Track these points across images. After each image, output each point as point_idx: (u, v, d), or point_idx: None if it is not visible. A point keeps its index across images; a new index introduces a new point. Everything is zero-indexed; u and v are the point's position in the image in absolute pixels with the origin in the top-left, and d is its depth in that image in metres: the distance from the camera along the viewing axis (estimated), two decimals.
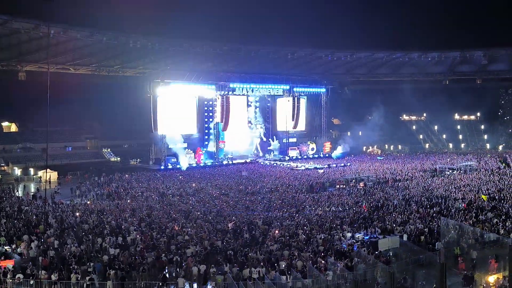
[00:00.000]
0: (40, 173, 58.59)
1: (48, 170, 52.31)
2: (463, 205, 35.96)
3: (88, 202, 41.74)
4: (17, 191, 50.61)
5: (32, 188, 53.88)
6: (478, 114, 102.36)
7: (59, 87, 70.68)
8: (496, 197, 38.68)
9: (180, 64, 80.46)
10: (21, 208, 36.98)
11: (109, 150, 77.07)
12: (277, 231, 29.14)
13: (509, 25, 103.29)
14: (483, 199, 36.81)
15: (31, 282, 20.46)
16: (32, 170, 61.72)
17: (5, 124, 74.62)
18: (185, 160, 69.56)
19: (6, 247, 25.72)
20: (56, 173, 58.56)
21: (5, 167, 62.97)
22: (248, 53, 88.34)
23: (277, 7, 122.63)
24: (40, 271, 21.55)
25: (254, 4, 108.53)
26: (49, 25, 57.20)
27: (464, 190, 42.94)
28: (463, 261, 23.07)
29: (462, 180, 49.59)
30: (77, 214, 34.90)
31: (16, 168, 62.22)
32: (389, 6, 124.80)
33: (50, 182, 53.13)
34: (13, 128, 75.26)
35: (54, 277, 21.04)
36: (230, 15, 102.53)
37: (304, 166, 68.02)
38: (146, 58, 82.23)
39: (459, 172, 57.37)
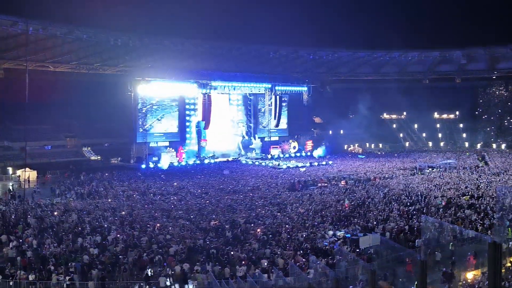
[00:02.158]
0: (19, 172, 57.61)
1: (27, 169, 51.54)
2: (442, 202, 36.46)
3: (69, 201, 41.21)
4: None
5: (11, 187, 52.97)
6: (457, 113, 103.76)
7: (38, 85, 69.91)
8: (475, 195, 39.30)
9: (161, 61, 79.95)
10: None
11: (89, 148, 76.17)
12: (259, 230, 29.18)
13: (488, 25, 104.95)
14: (465, 200, 37.27)
15: (11, 283, 20.17)
16: (10, 169, 60.69)
17: None
18: (167, 159, 69.11)
19: None
20: (35, 172, 57.67)
21: None
22: (230, 51, 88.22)
23: (259, 5, 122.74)
24: (19, 272, 21.24)
25: (236, 2, 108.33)
26: (27, 21, 56.26)
27: (444, 188, 43.53)
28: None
29: (441, 178, 50.27)
30: (56, 213, 34.46)
31: None
32: (370, 6, 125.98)
33: (29, 181, 52.34)
34: None
35: (31, 277, 20.76)
36: (212, 12, 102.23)
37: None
38: (127, 56, 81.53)
39: (439, 170, 58.13)
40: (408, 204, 36.82)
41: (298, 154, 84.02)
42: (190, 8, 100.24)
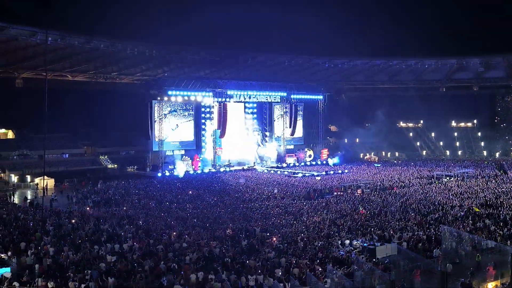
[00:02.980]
0: (37, 180, 58.37)
1: (45, 177, 52.16)
2: (462, 213, 35.93)
3: (87, 209, 41.57)
4: (14, 198, 50.36)
5: (29, 195, 53.65)
6: (475, 121, 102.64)
7: (56, 94, 70.88)
8: (494, 204, 38.70)
9: (177, 71, 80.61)
10: (18, 215, 36.78)
11: (106, 157, 76.89)
12: (274, 238, 29.06)
13: (506, 33, 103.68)
14: (476, 211, 36.70)
15: None
16: (29, 177, 61.50)
17: (1, 131, 74.49)
18: (182, 167, 69.40)
19: (2, 255, 25.53)
20: (53, 180, 58.36)
21: (2, 174, 62.71)
22: (246, 60, 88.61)
23: (274, 14, 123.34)
24: (36, 279, 21.40)
25: (251, 12, 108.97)
26: (46, 31, 57.23)
27: (462, 197, 42.97)
28: None
29: (459, 187, 49.64)
30: (73, 221, 34.74)
31: (12, 175, 61.99)
32: (386, 13, 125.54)
33: (47, 189, 52.95)
34: (10, 135, 75.10)
35: (50, 284, 20.89)
36: (228, 22, 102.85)
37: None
38: (144, 65, 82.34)
39: (457, 179, 57.44)
40: (426, 213, 36.39)
41: (313, 163, 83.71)
42: (206, 18, 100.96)
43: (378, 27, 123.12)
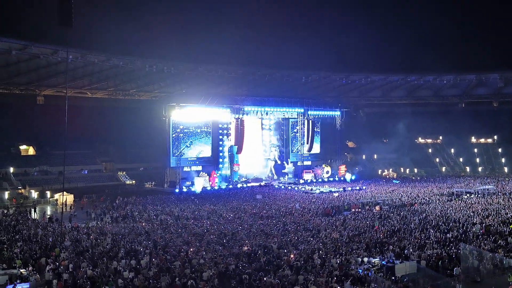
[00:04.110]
0: (57, 196, 59.05)
1: (64, 193, 52.72)
2: (481, 231, 35.27)
3: (106, 225, 41.85)
4: (34, 213, 50.95)
5: (49, 211, 54.27)
6: (495, 137, 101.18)
7: (76, 111, 71.96)
8: None
9: (195, 87, 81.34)
10: (37, 231, 37.20)
11: (124, 173, 77.49)
12: (292, 255, 28.86)
13: None
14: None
15: None
16: (48, 193, 62.23)
17: (23, 147, 75.65)
18: (200, 183, 69.63)
19: (22, 270, 25.81)
20: (72, 196, 58.94)
21: (22, 190, 63.60)
22: (263, 77, 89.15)
23: (291, 30, 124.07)
24: None
25: (268, 28, 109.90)
26: (67, 50, 58.48)
27: (483, 215, 42.23)
28: None
29: (480, 204, 48.82)
30: (91, 236, 34.99)
31: (33, 191, 62.80)
32: (404, 29, 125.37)
33: (66, 205, 53.47)
34: (31, 151, 76.22)
35: None
36: (245, 39, 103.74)
37: (319, 189, 67.64)
38: (162, 82, 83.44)
39: (477, 196, 56.53)
40: (445, 230, 35.81)
41: (331, 179, 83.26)
42: (223, 35, 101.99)
43: (396, 43, 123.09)
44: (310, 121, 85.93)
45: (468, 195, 57.21)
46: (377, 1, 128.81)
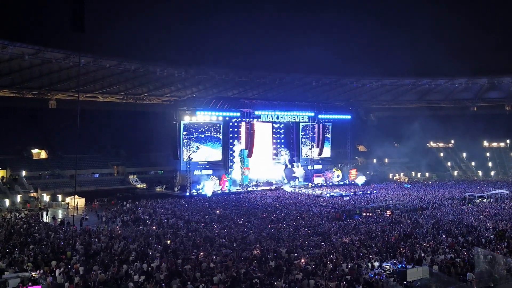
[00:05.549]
0: (68, 199, 59.46)
1: (76, 196, 53.03)
2: (493, 236, 34.87)
3: (116, 228, 41.99)
4: (46, 217, 51.30)
5: (60, 214, 54.61)
6: (508, 141, 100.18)
7: (88, 115, 72.56)
8: None
9: (206, 91, 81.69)
10: (49, 234, 37.42)
11: (135, 176, 77.79)
12: (303, 260, 28.72)
13: None
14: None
15: None
16: (60, 196, 62.65)
17: (35, 151, 76.26)
18: (210, 187, 69.66)
19: (33, 273, 25.94)
20: (83, 199, 59.29)
21: (35, 194, 64.09)
22: (273, 81, 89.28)
23: (302, 35, 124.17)
24: None
25: (278, 32, 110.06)
26: (79, 55, 59.06)
27: (495, 219, 41.79)
28: None
29: (492, 209, 48.31)
30: (102, 240, 35.10)
31: (44, 194, 63.26)
32: (415, 32, 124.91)
33: (77, 208, 53.78)
34: (43, 155, 76.84)
35: None
36: (255, 43, 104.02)
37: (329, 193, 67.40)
38: (173, 86, 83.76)
39: (490, 200, 55.95)
40: (458, 235, 35.46)
41: (341, 183, 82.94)
42: (234, 39, 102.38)
43: (406, 47, 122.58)
44: (321, 125, 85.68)
45: (480, 199, 56.68)
46: (388, 4, 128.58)
